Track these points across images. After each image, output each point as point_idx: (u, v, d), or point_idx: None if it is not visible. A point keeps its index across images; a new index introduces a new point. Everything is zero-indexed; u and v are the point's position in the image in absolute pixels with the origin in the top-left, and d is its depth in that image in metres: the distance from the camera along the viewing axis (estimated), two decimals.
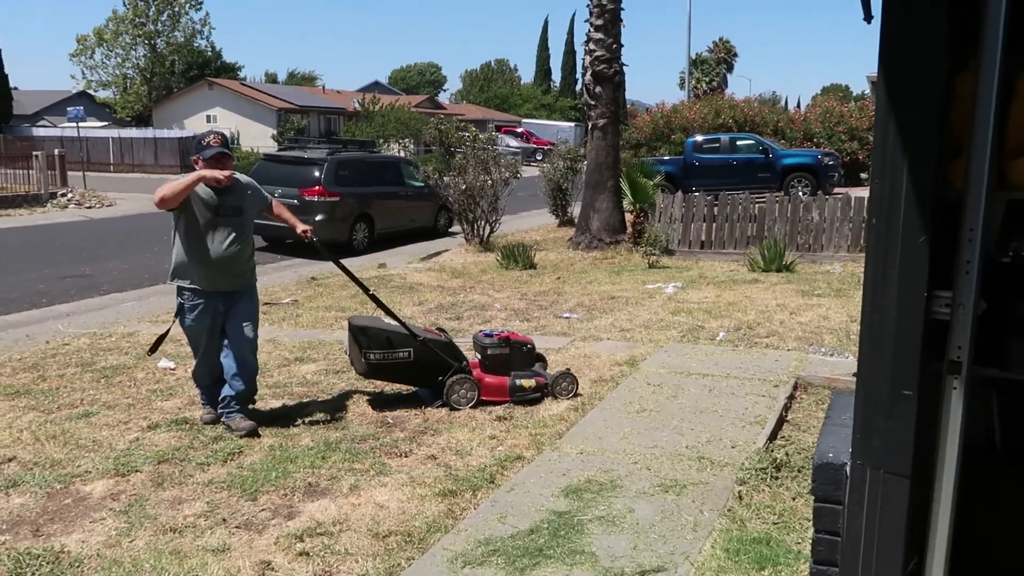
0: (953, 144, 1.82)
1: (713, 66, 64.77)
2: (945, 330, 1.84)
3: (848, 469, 2.01)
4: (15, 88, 44.81)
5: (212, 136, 5.11)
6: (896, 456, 1.90)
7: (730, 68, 67.72)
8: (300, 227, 5.40)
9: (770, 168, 21.34)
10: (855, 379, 1.99)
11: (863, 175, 26.60)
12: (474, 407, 5.50)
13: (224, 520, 3.92)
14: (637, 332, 7.62)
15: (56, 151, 25.06)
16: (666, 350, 6.95)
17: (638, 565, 3.40)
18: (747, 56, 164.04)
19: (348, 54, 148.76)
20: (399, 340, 5.50)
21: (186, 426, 5.20)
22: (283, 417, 5.36)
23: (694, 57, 57.58)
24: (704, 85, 59.01)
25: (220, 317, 5.07)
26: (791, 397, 5.62)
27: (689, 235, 12.85)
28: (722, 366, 6.42)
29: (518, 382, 5.67)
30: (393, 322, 5.60)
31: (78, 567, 3.51)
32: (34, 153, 23.82)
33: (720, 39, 66.67)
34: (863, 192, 14.98)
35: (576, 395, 5.77)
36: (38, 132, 42.18)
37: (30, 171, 23.42)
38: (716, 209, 12.76)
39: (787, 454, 4.44)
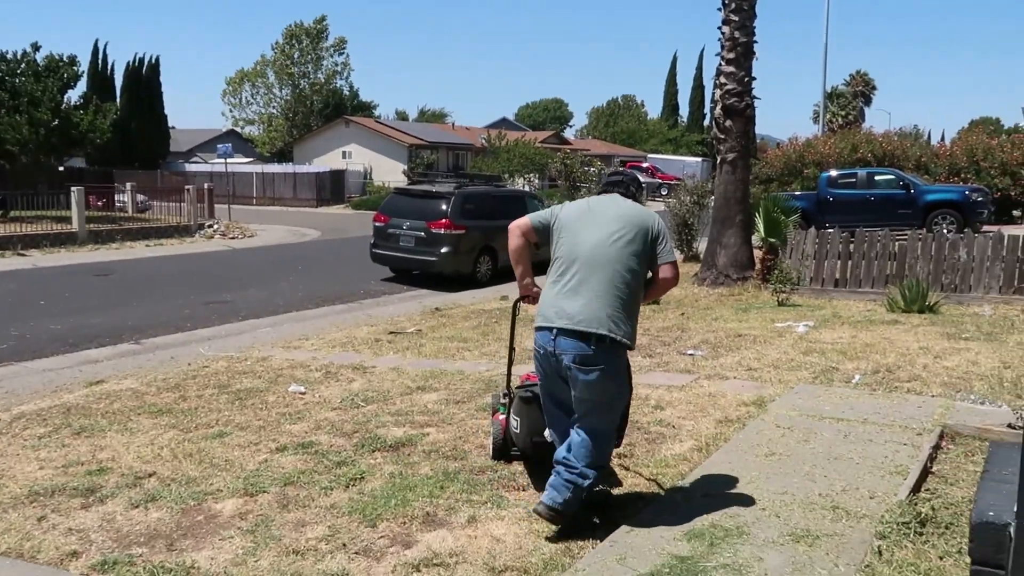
0: None
1: (850, 99, 62.65)
2: None
3: (1012, 530, 1.81)
4: (173, 127, 48.20)
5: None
6: None
7: (868, 101, 65.33)
8: None
9: (911, 204, 20.33)
10: (1015, 431, 1.80)
11: (1016, 212, 25.06)
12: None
13: (344, 545, 3.96)
14: (765, 372, 7.32)
15: (205, 185, 26.82)
16: (797, 392, 6.63)
17: None
18: (886, 89, 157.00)
19: (477, 92, 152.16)
20: None
21: (312, 450, 5.32)
22: (404, 444, 5.40)
23: (830, 90, 55.74)
24: (840, 119, 57.06)
25: None
26: (936, 447, 5.21)
27: (822, 272, 12.31)
28: (858, 411, 6.05)
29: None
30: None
31: None
32: (186, 187, 25.61)
33: (858, 72, 64.56)
34: (1017, 230, 14.01)
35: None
36: (191, 168, 45.29)
37: (182, 204, 25.16)
38: (852, 246, 12.20)
39: (933, 508, 4.11)
